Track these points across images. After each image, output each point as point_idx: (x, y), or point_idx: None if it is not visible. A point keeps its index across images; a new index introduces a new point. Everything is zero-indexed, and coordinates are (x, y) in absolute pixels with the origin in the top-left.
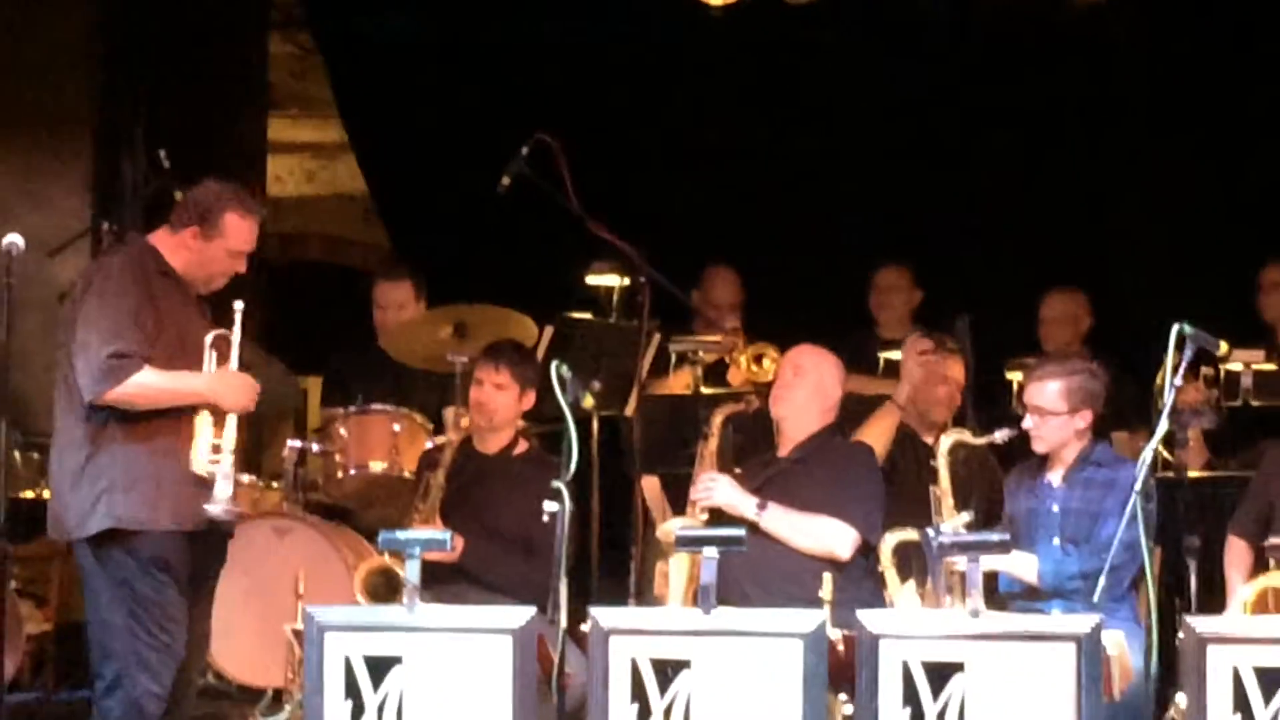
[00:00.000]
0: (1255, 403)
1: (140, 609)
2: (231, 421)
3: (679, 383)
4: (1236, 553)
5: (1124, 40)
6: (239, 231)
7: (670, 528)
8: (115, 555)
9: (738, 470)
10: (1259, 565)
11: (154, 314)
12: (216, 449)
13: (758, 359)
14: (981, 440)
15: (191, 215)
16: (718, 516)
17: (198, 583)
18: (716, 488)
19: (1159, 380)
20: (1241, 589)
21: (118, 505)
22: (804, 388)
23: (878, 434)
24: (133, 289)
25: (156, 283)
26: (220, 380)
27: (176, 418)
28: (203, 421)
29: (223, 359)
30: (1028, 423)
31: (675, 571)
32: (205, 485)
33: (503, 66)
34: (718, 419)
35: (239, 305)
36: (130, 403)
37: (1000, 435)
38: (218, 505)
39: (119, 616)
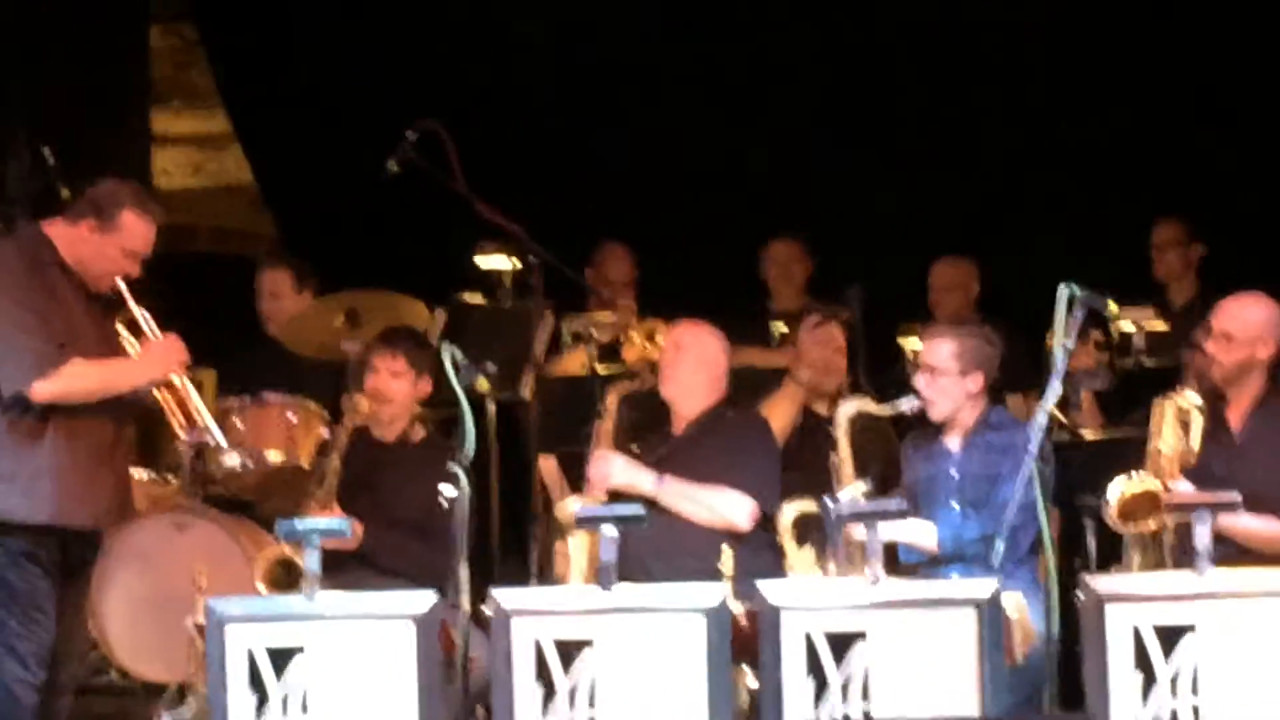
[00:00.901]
0: (1148, 363)
1: (9, 599)
2: (183, 384)
3: (574, 362)
4: None
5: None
6: (135, 230)
7: (569, 507)
8: None
9: (634, 449)
10: None
11: (50, 305)
12: (189, 417)
13: (650, 336)
14: (886, 411)
15: (89, 208)
16: (615, 496)
17: (70, 574)
18: (612, 466)
19: (1049, 341)
20: (1111, 485)
21: None
22: (687, 364)
23: (781, 413)
24: (34, 280)
25: (50, 273)
26: (150, 356)
27: (65, 409)
28: (166, 401)
29: (136, 332)
30: (917, 381)
31: (575, 550)
32: (87, 481)
33: (388, 51)
34: (611, 398)
35: (118, 280)
36: (66, 398)
37: (906, 405)
38: (233, 458)
39: None
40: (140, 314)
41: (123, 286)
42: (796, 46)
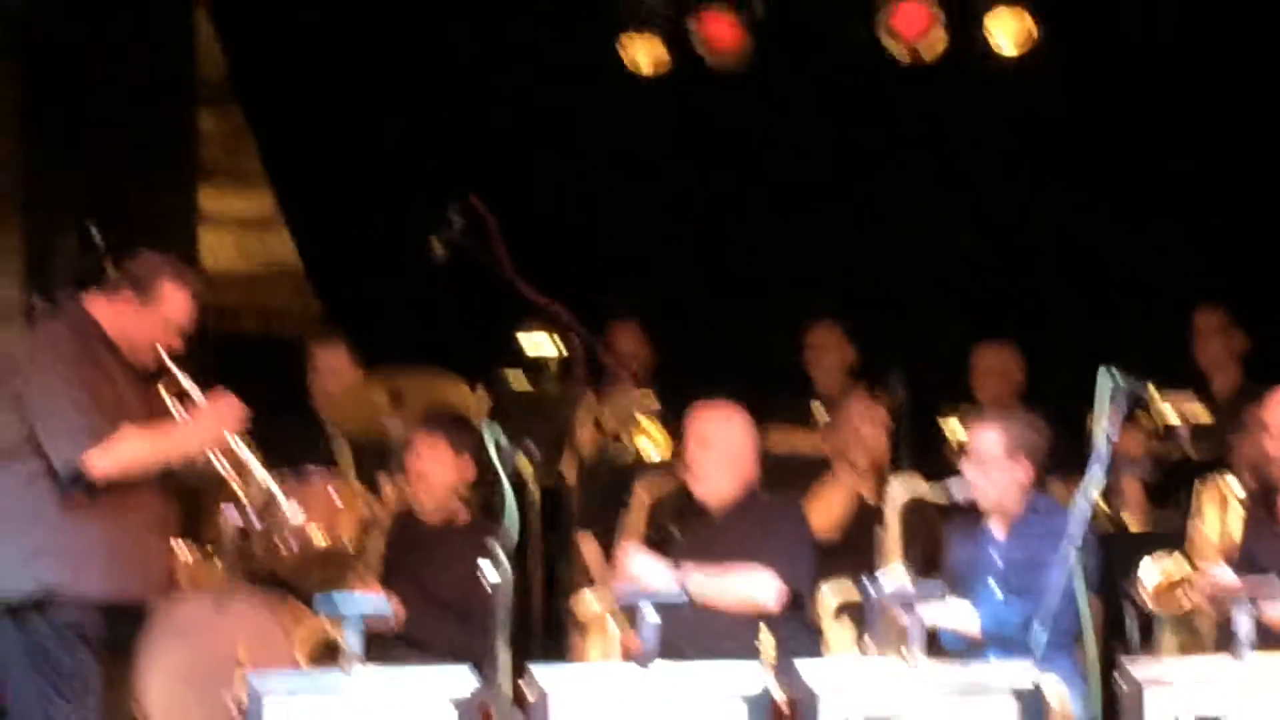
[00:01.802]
0: (1193, 454)
1: (57, 677)
2: (238, 444)
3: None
4: None
5: (1049, 91)
6: (175, 301)
7: (584, 601)
8: (34, 621)
9: (677, 535)
10: None
11: (99, 381)
12: (247, 479)
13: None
14: (938, 495)
15: (128, 282)
16: None
17: (117, 650)
18: (634, 562)
19: (1088, 424)
20: (1145, 568)
21: (46, 570)
22: (712, 459)
23: (834, 501)
24: (84, 356)
25: (96, 349)
26: (204, 420)
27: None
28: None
29: (184, 399)
30: (965, 468)
31: (599, 639)
32: (137, 555)
33: (429, 133)
34: (640, 493)
35: (160, 350)
36: (122, 470)
37: (959, 492)
38: (296, 513)
39: (33, 685)
40: (187, 382)
41: (165, 357)
42: (838, 133)
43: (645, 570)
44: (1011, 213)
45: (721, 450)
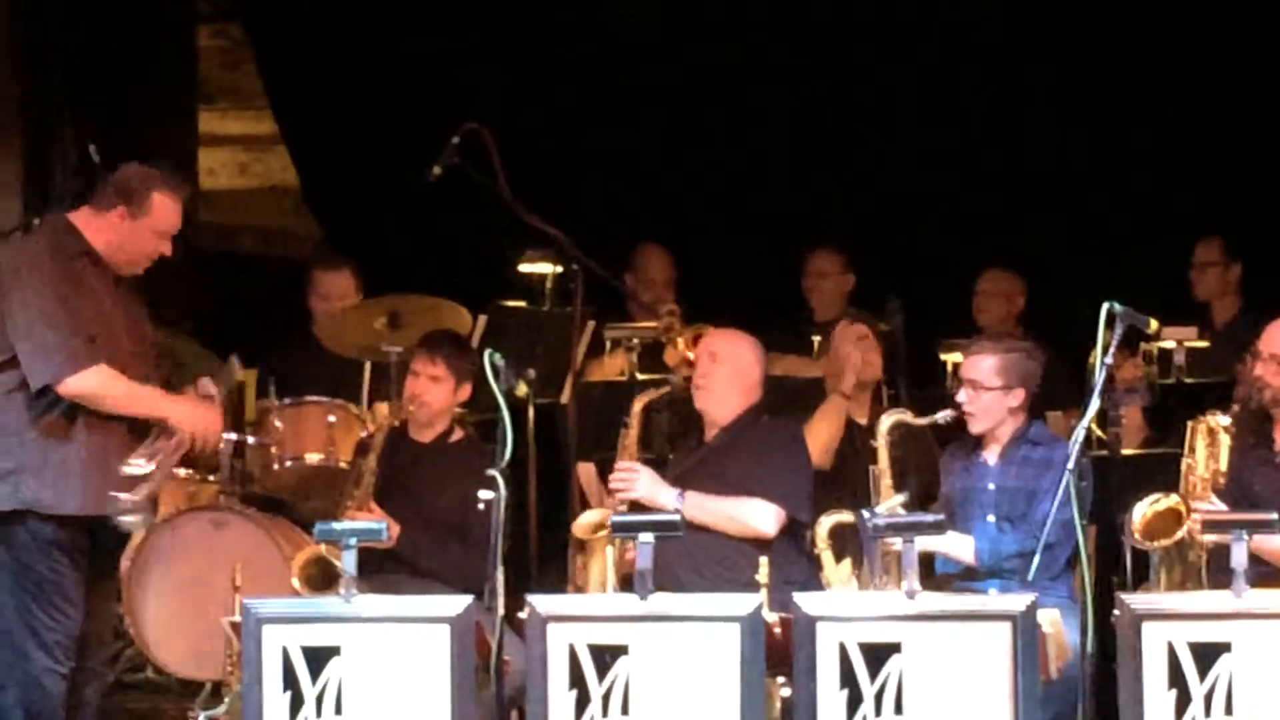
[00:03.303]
0: (1188, 380)
1: (38, 590)
2: (181, 444)
3: (613, 367)
4: None
5: (1055, 20)
6: (166, 212)
7: (585, 521)
8: (18, 535)
9: (670, 456)
10: None
11: (78, 296)
12: (153, 457)
13: (695, 340)
14: (923, 421)
15: (118, 196)
16: (636, 509)
17: (98, 562)
18: (636, 481)
19: (1091, 359)
20: (1135, 506)
21: (26, 488)
22: (721, 373)
23: (826, 428)
24: (61, 271)
25: (78, 263)
26: (189, 411)
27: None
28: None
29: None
30: (961, 397)
31: (599, 560)
32: (115, 472)
33: (434, 55)
34: (637, 407)
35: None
36: (92, 399)
37: (942, 416)
38: (126, 513)
39: (15, 597)
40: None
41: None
42: (844, 61)
43: (649, 490)
44: (1015, 144)
45: (731, 367)
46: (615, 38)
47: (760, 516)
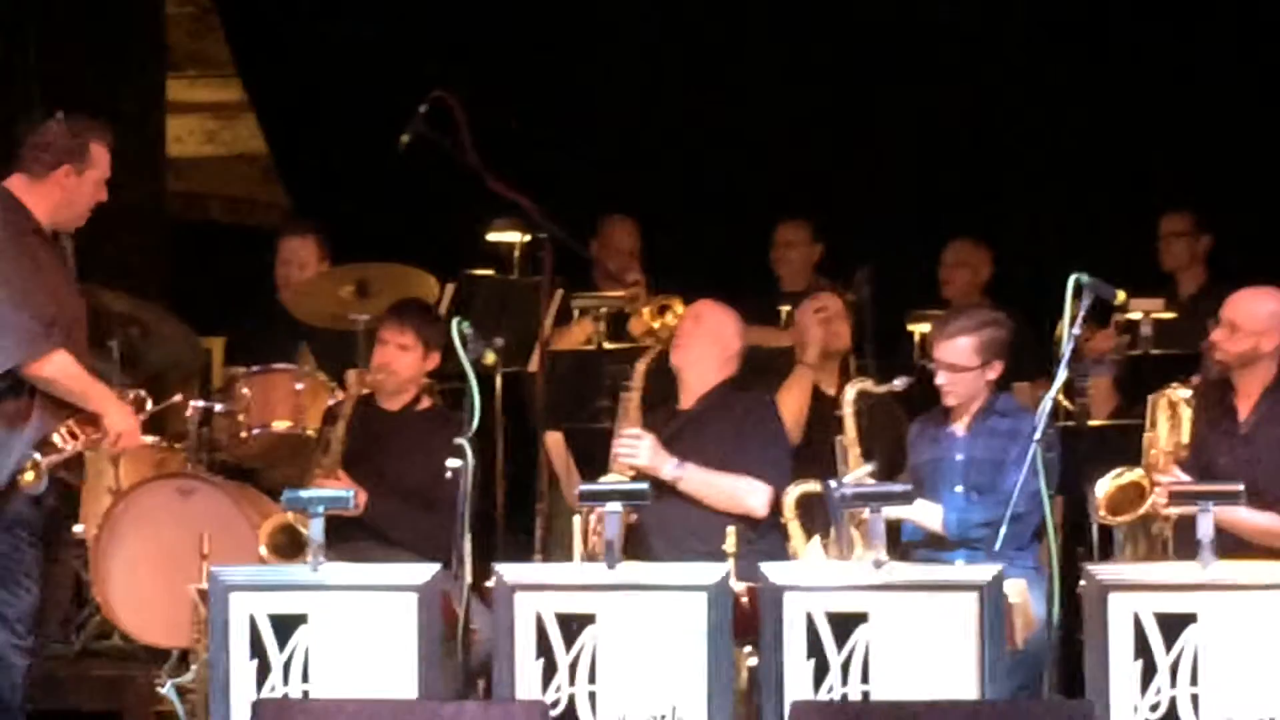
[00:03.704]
0: (1155, 351)
1: (5, 572)
2: (101, 439)
3: (579, 335)
4: None
5: None
6: (104, 158)
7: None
8: None
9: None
10: None
11: (35, 275)
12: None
13: (661, 310)
14: (882, 389)
15: (59, 155)
16: (635, 474)
17: (51, 537)
18: (641, 448)
19: (1058, 330)
20: (1099, 481)
21: None
22: (703, 339)
23: (792, 399)
24: (19, 249)
25: (30, 240)
26: (123, 413)
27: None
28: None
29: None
30: (940, 379)
31: (581, 527)
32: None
33: (401, 22)
34: (640, 368)
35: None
36: (53, 385)
37: (899, 383)
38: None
39: None
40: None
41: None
42: (811, 28)
43: (652, 459)
44: (982, 114)
45: (712, 335)
46: (585, 6)
47: (756, 496)
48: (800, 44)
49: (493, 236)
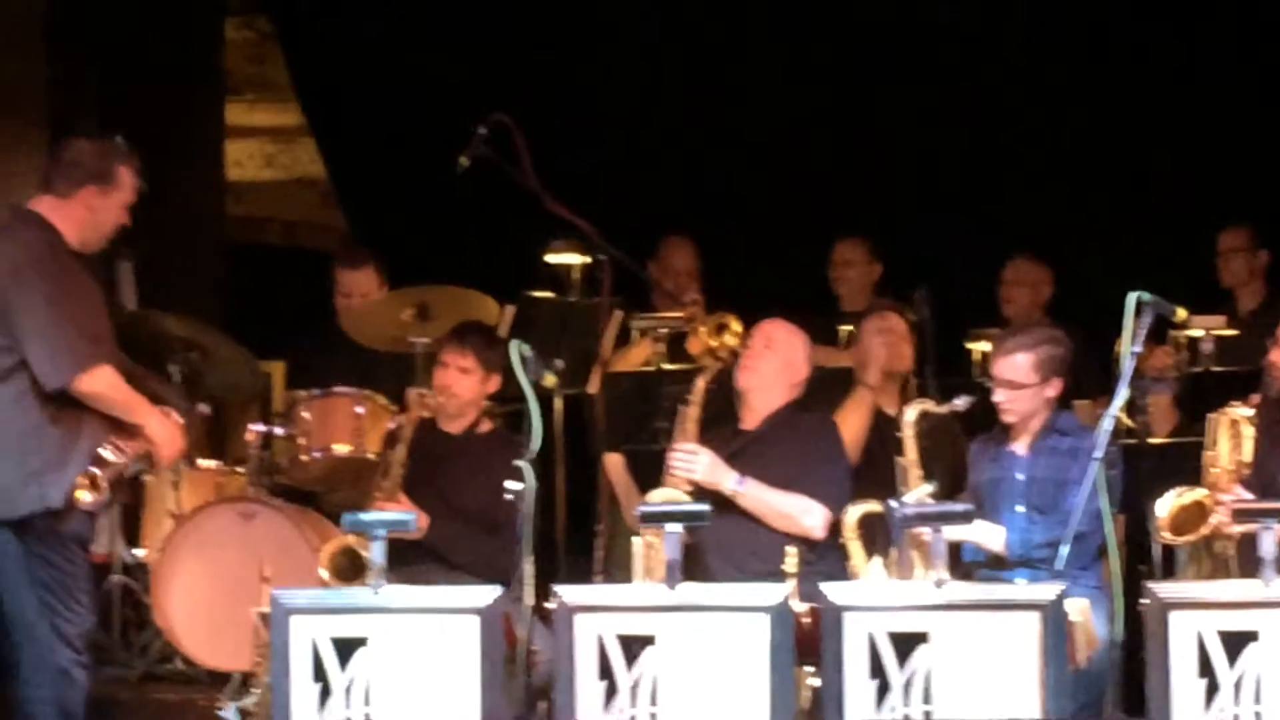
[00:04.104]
0: (1216, 368)
1: (58, 584)
2: (147, 453)
3: (638, 356)
4: None
5: (1076, 10)
6: (129, 182)
7: (655, 499)
8: (40, 534)
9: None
10: None
11: (79, 296)
12: (123, 453)
13: (719, 328)
14: (943, 409)
15: (85, 175)
16: (695, 490)
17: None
18: (698, 462)
19: (1118, 348)
20: (1160, 501)
21: (53, 486)
22: (774, 361)
23: (854, 420)
24: (63, 269)
25: (67, 259)
26: (166, 426)
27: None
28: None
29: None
30: (998, 396)
31: (641, 547)
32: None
33: (460, 46)
34: (700, 384)
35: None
36: (100, 399)
37: (960, 403)
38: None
39: (35, 593)
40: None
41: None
42: (873, 49)
43: (711, 473)
44: (1040, 134)
45: (783, 358)
46: (639, 29)
47: (813, 517)
48: (859, 64)
49: (551, 258)
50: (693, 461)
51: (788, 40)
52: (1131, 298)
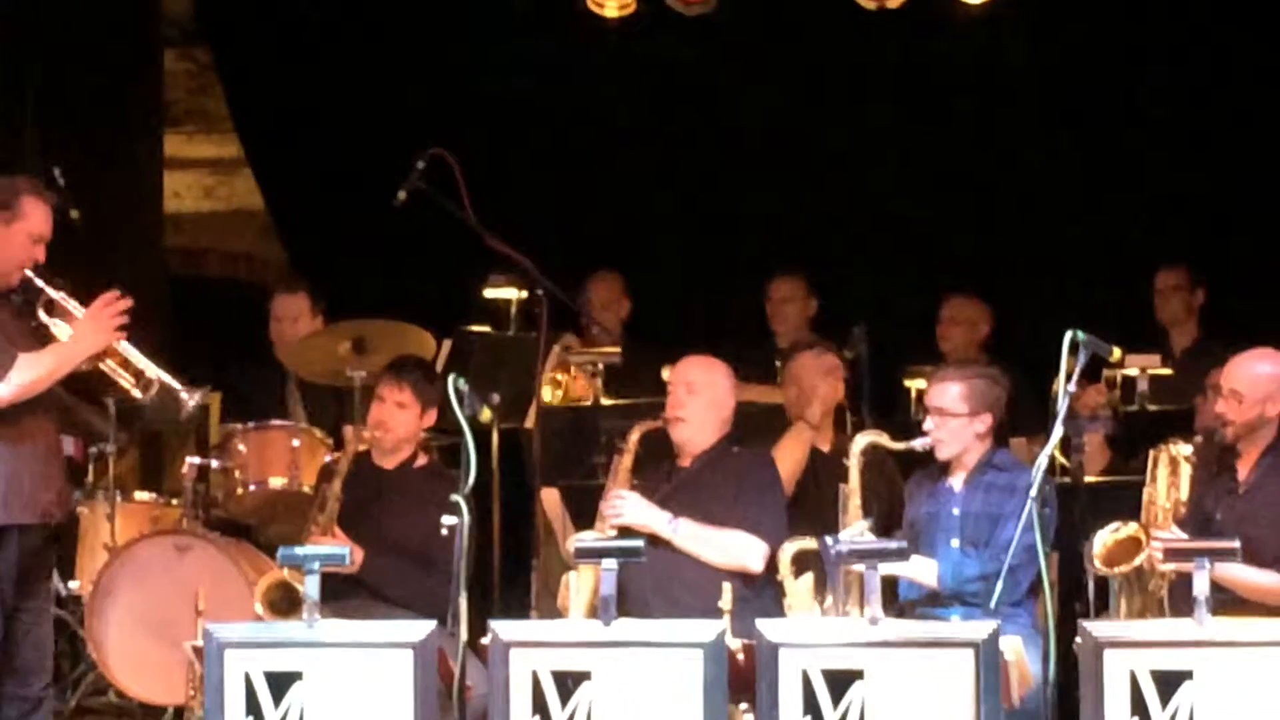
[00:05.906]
0: (1151, 407)
1: None
2: (128, 349)
3: (574, 391)
4: None
5: (1016, 46)
6: (37, 213)
7: (578, 541)
8: None
9: (635, 482)
10: None
11: None
12: (139, 375)
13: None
14: (899, 446)
15: None
16: (625, 532)
17: (31, 581)
18: (626, 506)
19: (1054, 387)
20: (1100, 533)
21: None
22: (698, 403)
23: (789, 455)
24: None
25: None
26: (86, 330)
27: (26, 409)
28: (112, 370)
29: (54, 309)
30: (928, 425)
31: (578, 584)
32: (33, 482)
33: (399, 80)
34: (634, 435)
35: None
36: (22, 391)
37: (919, 444)
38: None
39: None
40: (58, 296)
41: (32, 275)
42: (805, 86)
43: (641, 515)
44: (979, 171)
45: (708, 397)
46: (577, 65)
47: (750, 552)
48: (797, 98)
49: (489, 293)
50: (621, 506)
51: (724, 78)
52: (1068, 335)
